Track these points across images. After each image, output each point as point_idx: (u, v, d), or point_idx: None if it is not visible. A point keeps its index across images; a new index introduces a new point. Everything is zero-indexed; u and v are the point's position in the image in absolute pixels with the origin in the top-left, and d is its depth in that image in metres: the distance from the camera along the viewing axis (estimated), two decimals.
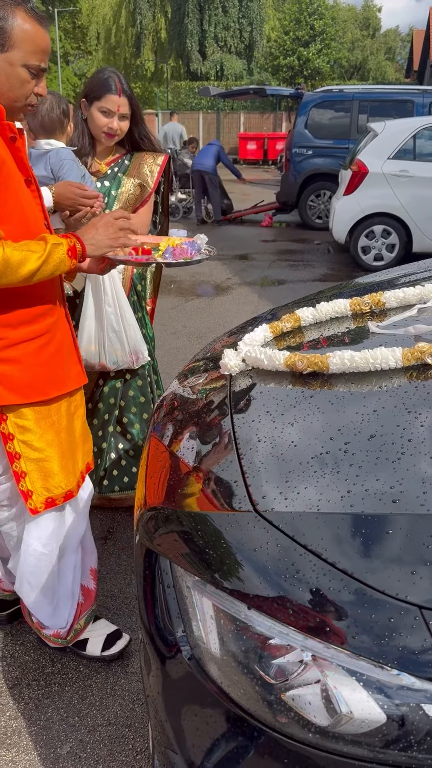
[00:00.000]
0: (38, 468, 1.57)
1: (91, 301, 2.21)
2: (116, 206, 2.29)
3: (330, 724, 0.83)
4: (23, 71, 1.42)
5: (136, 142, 2.31)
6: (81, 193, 2.00)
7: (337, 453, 1.10)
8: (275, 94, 13.31)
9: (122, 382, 2.45)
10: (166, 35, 31.84)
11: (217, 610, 0.99)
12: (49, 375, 1.57)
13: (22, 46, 1.40)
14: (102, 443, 2.49)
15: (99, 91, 2.14)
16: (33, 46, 1.42)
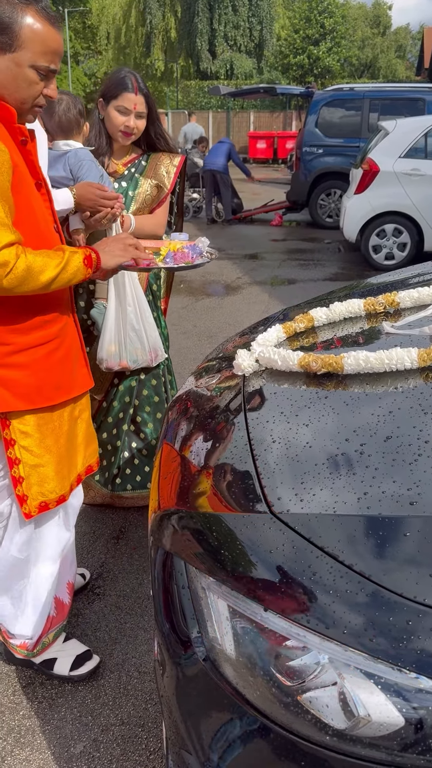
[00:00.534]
0: (35, 473, 1.57)
1: (113, 302, 2.22)
2: (133, 207, 2.30)
3: (348, 727, 0.83)
4: (31, 72, 1.38)
5: (152, 141, 2.32)
6: (101, 194, 2.01)
7: (353, 454, 1.09)
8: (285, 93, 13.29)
9: (137, 381, 2.46)
10: (176, 34, 31.86)
11: (232, 611, 0.99)
12: (57, 380, 1.57)
13: (30, 47, 1.36)
14: (116, 441, 2.50)
15: (115, 89, 2.15)
16: (42, 46, 1.37)
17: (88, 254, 1.52)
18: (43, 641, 1.76)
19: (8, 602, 1.70)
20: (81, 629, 2.03)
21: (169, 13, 31.78)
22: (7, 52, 1.35)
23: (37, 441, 1.55)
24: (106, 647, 1.96)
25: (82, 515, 2.61)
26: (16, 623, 1.71)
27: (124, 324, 2.24)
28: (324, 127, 9.75)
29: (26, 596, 1.70)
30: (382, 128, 7.38)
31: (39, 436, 1.55)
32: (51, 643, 1.80)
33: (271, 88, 12.12)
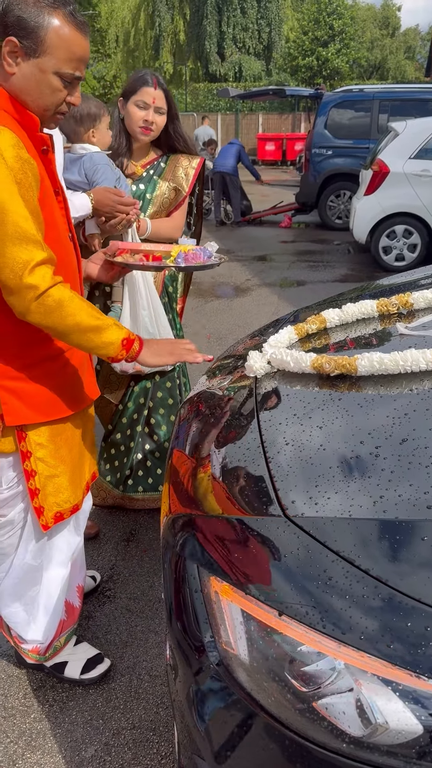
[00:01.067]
0: (50, 484, 1.56)
1: (127, 305, 2.22)
2: (151, 209, 2.29)
3: (365, 734, 0.82)
4: (55, 79, 1.33)
5: (171, 141, 2.30)
6: (118, 200, 2.00)
7: (368, 457, 1.08)
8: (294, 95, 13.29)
9: (152, 383, 2.46)
10: (185, 37, 31.92)
11: (246, 616, 0.98)
12: (70, 392, 1.56)
13: (55, 53, 1.31)
14: (129, 443, 2.50)
15: (134, 85, 2.14)
16: (68, 53, 1.32)
17: (132, 339, 1.44)
18: (55, 645, 1.76)
19: (21, 609, 1.69)
20: (92, 632, 2.02)
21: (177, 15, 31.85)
22: (31, 57, 1.31)
23: (52, 452, 1.54)
24: (117, 650, 1.95)
25: (92, 517, 2.60)
26: (29, 629, 1.70)
27: (139, 327, 2.23)
28: (333, 128, 9.74)
29: (38, 602, 1.69)
30: (392, 129, 7.35)
31: (53, 447, 1.55)
32: (62, 646, 1.79)
33: (280, 89, 12.12)
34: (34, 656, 1.75)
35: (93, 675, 1.82)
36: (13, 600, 1.68)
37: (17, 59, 1.31)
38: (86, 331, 1.36)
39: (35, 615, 1.70)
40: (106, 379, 2.49)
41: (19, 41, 1.29)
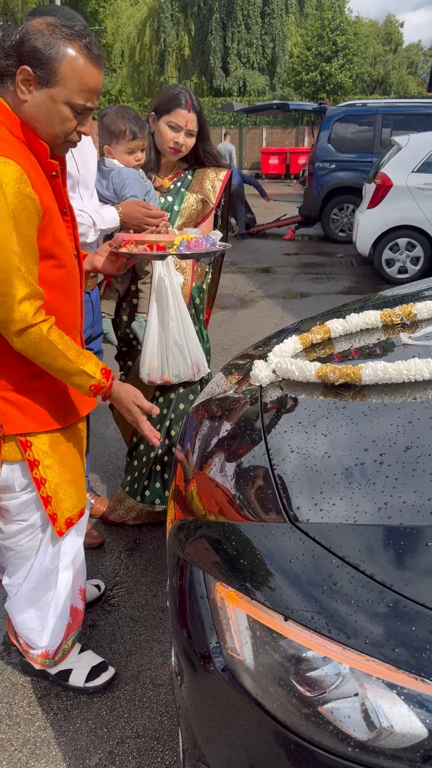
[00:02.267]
0: (60, 491, 1.59)
1: (155, 317, 2.21)
2: (179, 221, 2.31)
3: (370, 738, 0.82)
4: (65, 109, 1.35)
5: (200, 157, 2.33)
6: (146, 213, 2.03)
7: (372, 464, 1.09)
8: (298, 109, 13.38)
9: (175, 394, 2.44)
10: (190, 52, 32.28)
11: (251, 621, 0.99)
12: (67, 403, 1.59)
13: (67, 84, 1.33)
14: (150, 453, 2.49)
15: (169, 105, 2.16)
16: (80, 84, 1.34)
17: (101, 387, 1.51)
18: (63, 648, 1.77)
19: (35, 615, 1.70)
20: (96, 641, 2.02)
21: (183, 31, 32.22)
22: (43, 87, 1.33)
23: (57, 460, 1.57)
24: (121, 659, 1.95)
25: (96, 527, 2.61)
26: (38, 633, 1.72)
27: (167, 338, 2.23)
28: (337, 142, 9.82)
29: (50, 606, 1.70)
30: (395, 143, 7.41)
31: (58, 456, 1.58)
32: (70, 649, 1.80)
33: (284, 104, 12.23)
34: (42, 661, 1.76)
35: (98, 683, 1.83)
36: (28, 606, 1.69)
37: (30, 87, 1.34)
38: (58, 371, 1.45)
39: (47, 620, 1.71)
40: None
41: (32, 70, 1.31)
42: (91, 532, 2.54)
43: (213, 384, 1.81)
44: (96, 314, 2.35)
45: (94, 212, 2.07)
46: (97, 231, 2.05)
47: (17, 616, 1.71)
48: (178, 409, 2.45)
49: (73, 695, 1.82)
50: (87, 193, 2.12)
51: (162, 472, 2.51)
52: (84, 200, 2.10)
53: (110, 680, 1.84)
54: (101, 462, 3.21)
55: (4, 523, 1.59)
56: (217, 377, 1.86)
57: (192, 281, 2.39)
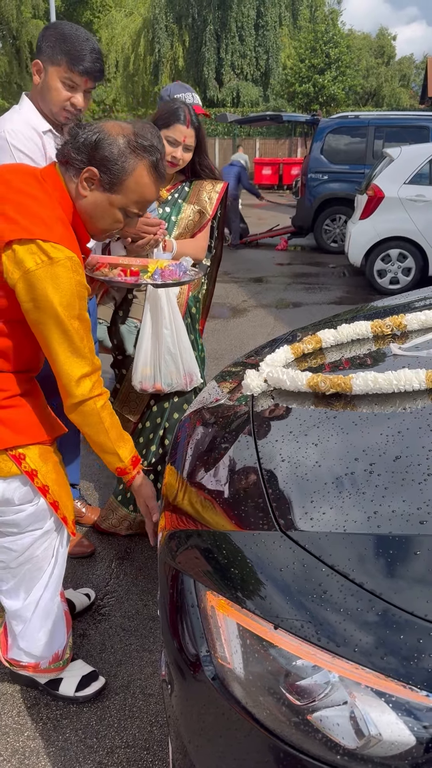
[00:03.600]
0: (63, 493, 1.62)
1: (148, 324, 2.22)
2: (176, 232, 2.33)
3: (358, 746, 0.83)
4: (120, 213, 1.46)
5: (197, 171, 2.36)
6: (144, 221, 2.05)
7: (362, 473, 1.10)
8: (291, 120, 13.48)
9: (170, 403, 2.45)
10: (184, 63, 32.47)
11: (241, 630, 0.99)
12: (48, 418, 1.62)
13: (128, 195, 1.43)
14: (142, 462, 2.49)
15: (168, 119, 2.18)
16: (139, 197, 1.45)
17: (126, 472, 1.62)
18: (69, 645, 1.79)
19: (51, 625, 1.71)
20: (86, 650, 2.02)
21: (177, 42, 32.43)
22: (105, 191, 1.42)
23: (52, 467, 1.59)
24: (111, 668, 1.94)
25: (87, 536, 2.60)
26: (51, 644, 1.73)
27: (160, 347, 2.24)
28: (329, 153, 9.90)
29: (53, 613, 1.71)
30: (387, 155, 7.48)
31: (51, 464, 1.60)
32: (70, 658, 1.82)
33: (277, 115, 12.31)
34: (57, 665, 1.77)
35: (88, 692, 1.82)
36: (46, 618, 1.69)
37: (92, 186, 1.43)
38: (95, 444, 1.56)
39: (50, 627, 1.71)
40: (125, 397, 2.50)
41: (99, 173, 1.40)
42: (82, 541, 2.53)
43: (205, 392, 1.82)
44: (92, 321, 2.36)
45: None
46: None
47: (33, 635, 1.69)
48: (173, 418, 2.45)
49: (63, 705, 1.81)
50: None
51: (155, 481, 2.51)
52: None
53: (101, 690, 1.84)
54: (93, 470, 3.21)
55: (14, 539, 1.58)
56: (209, 386, 1.86)
57: (188, 291, 2.40)
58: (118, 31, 34.03)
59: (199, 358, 2.50)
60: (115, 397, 2.59)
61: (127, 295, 2.40)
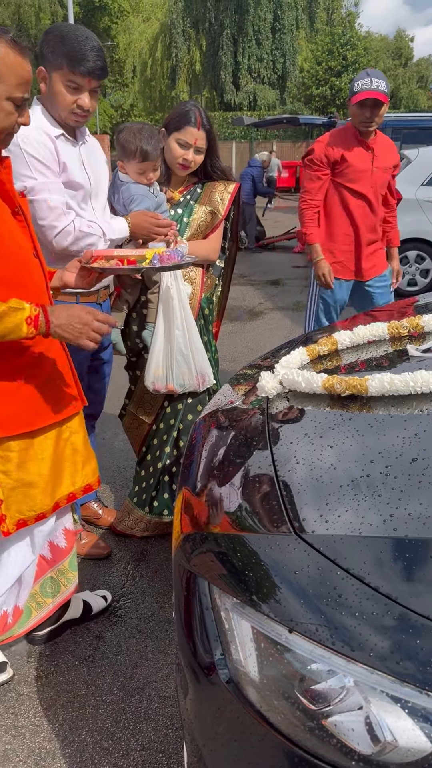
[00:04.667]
0: (14, 495, 1.59)
1: (161, 326, 2.23)
2: (188, 233, 2.34)
3: (374, 752, 0.81)
4: (8, 104, 1.43)
5: (209, 173, 2.38)
6: (155, 222, 2.06)
7: (378, 476, 1.09)
8: (308, 123, 13.47)
9: (183, 405, 2.45)
10: (201, 67, 32.60)
11: (256, 633, 0.98)
12: (35, 407, 1.58)
13: (5, 80, 1.40)
14: (157, 464, 2.50)
15: (179, 122, 2.20)
16: (17, 78, 1.42)
17: (36, 314, 1.46)
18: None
19: None
20: (102, 652, 2.02)
21: (194, 46, 32.56)
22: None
23: (15, 465, 1.57)
24: (127, 671, 1.94)
25: (104, 537, 2.61)
26: None
27: (172, 348, 2.24)
28: None
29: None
30: (405, 156, 7.42)
31: (18, 461, 1.57)
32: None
33: (294, 118, 12.32)
34: None
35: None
36: None
37: None
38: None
39: None
40: (140, 398, 2.51)
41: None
42: (99, 542, 2.54)
43: (220, 395, 1.82)
44: None
45: (104, 223, 2.09)
46: (107, 241, 2.08)
47: None
48: (186, 420, 2.45)
49: (79, 706, 1.82)
50: (98, 205, 2.15)
51: (170, 483, 2.51)
52: (96, 212, 2.12)
53: (6, 682, 1.85)
54: (109, 472, 3.22)
55: None
56: (224, 388, 1.86)
57: (201, 292, 2.40)
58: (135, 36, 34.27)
59: (212, 360, 2.50)
60: (129, 399, 2.59)
61: (140, 297, 2.40)
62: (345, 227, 3.29)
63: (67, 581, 1.92)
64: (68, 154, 2.02)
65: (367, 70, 3.08)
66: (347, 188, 3.22)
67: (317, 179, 3.25)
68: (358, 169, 3.18)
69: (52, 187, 1.95)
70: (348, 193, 3.23)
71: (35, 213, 1.89)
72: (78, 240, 2.00)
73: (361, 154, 3.18)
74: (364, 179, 3.20)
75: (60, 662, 1.98)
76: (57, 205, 1.95)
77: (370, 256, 3.39)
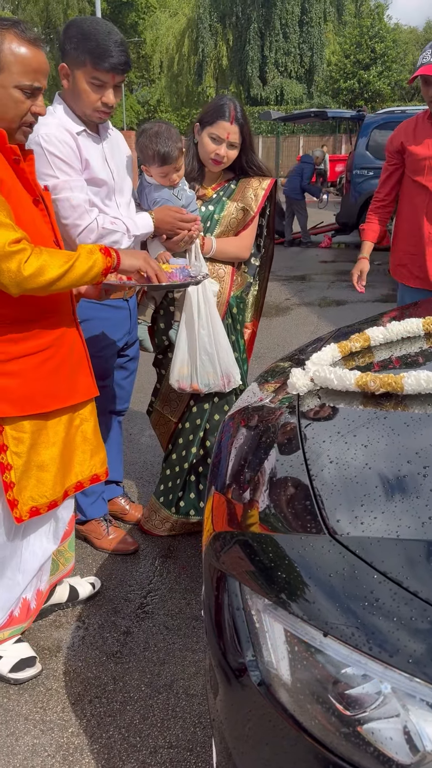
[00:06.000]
0: (26, 478, 1.60)
1: (185, 324, 2.22)
2: (218, 230, 2.32)
3: (413, 762, 0.79)
4: (16, 92, 1.48)
5: (244, 168, 2.33)
6: (179, 217, 2.05)
7: (416, 477, 1.06)
8: (336, 117, 13.33)
9: (210, 404, 2.42)
10: (228, 62, 32.50)
11: (289, 636, 0.96)
12: (50, 389, 1.60)
13: (12, 68, 1.46)
14: (184, 464, 2.48)
15: (212, 117, 2.17)
16: (23, 66, 1.47)
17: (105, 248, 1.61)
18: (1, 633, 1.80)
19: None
20: (129, 648, 2.02)
21: (221, 41, 32.46)
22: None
23: (28, 447, 1.58)
24: (155, 667, 1.94)
25: (131, 533, 2.61)
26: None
27: (196, 346, 2.22)
28: (375, 149, 9.72)
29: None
30: None
31: (31, 443, 1.58)
32: (4, 639, 1.83)
33: (321, 112, 12.18)
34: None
35: (20, 676, 1.86)
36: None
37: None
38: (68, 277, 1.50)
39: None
40: (166, 397, 2.50)
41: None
42: (126, 538, 2.54)
43: (249, 392, 1.80)
44: (132, 321, 2.36)
45: (128, 219, 2.08)
46: (131, 237, 2.07)
47: None
48: (213, 420, 2.43)
49: (107, 702, 1.82)
50: (123, 201, 2.14)
51: (197, 483, 2.50)
52: (120, 208, 2.11)
53: (33, 677, 1.87)
54: (136, 468, 3.22)
55: None
56: (252, 386, 1.84)
57: (230, 290, 2.38)
58: (162, 31, 34.29)
59: (241, 360, 2.46)
60: (155, 396, 2.59)
61: (167, 294, 2.39)
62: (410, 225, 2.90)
63: (65, 561, 1.98)
64: (91, 151, 2.01)
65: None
66: (412, 180, 2.85)
67: (384, 171, 3.01)
68: (419, 157, 2.78)
69: (75, 185, 1.94)
70: (413, 186, 2.85)
71: (58, 212, 1.90)
72: (102, 237, 1.99)
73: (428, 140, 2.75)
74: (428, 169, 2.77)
75: (88, 657, 1.98)
76: (80, 203, 1.94)
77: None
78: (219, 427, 2.42)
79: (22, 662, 1.86)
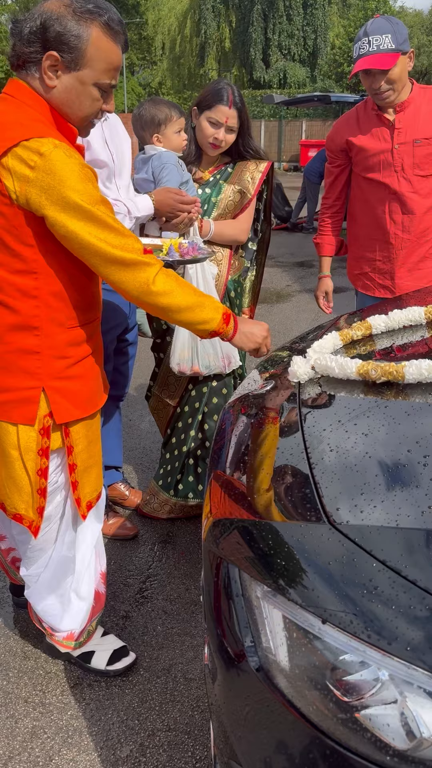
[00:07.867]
0: (85, 476, 1.62)
1: None
2: (215, 213, 2.31)
3: (410, 748, 0.80)
4: (94, 90, 1.38)
5: (241, 152, 2.33)
6: (179, 199, 2.04)
7: (416, 466, 1.06)
8: (339, 101, 13.20)
9: (208, 388, 2.43)
10: (230, 44, 32.15)
11: (287, 622, 0.97)
12: (99, 386, 1.62)
13: (95, 65, 1.36)
14: (182, 447, 2.49)
15: (210, 101, 2.16)
16: (106, 64, 1.37)
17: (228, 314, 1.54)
18: (88, 629, 1.80)
19: (56, 601, 1.73)
20: (128, 632, 2.03)
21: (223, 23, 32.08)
22: (72, 71, 1.35)
23: (86, 445, 1.60)
24: (153, 651, 1.96)
25: (130, 518, 2.62)
26: (63, 619, 1.75)
27: None
28: None
29: (72, 591, 1.73)
30: None
31: (87, 442, 1.60)
32: (94, 631, 1.83)
33: (325, 96, 12.08)
34: (69, 643, 1.79)
35: (118, 667, 1.86)
36: (49, 593, 1.72)
37: (57, 72, 1.35)
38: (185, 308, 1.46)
39: (69, 605, 1.74)
40: (164, 381, 2.50)
41: (60, 55, 1.33)
42: (125, 523, 2.55)
43: (249, 379, 1.79)
44: (132, 306, 2.36)
45: (128, 201, 2.08)
46: (132, 219, 2.06)
47: (38, 603, 1.74)
48: (212, 403, 2.44)
49: (105, 686, 1.83)
50: (123, 184, 2.13)
51: (195, 466, 2.51)
52: (120, 191, 2.11)
53: (130, 665, 1.87)
54: (135, 454, 3.23)
55: None
56: (253, 373, 1.84)
57: (228, 274, 2.37)
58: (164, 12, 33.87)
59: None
60: (154, 381, 2.59)
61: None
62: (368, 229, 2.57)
63: None
64: (91, 132, 2.00)
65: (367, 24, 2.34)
66: (364, 179, 2.49)
67: (328, 174, 2.67)
68: (370, 153, 2.42)
69: None
70: (367, 185, 2.50)
71: None
72: None
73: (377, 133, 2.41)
74: (383, 164, 2.41)
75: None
76: None
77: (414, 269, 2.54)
78: (217, 410, 2.43)
79: (116, 653, 1.88)
